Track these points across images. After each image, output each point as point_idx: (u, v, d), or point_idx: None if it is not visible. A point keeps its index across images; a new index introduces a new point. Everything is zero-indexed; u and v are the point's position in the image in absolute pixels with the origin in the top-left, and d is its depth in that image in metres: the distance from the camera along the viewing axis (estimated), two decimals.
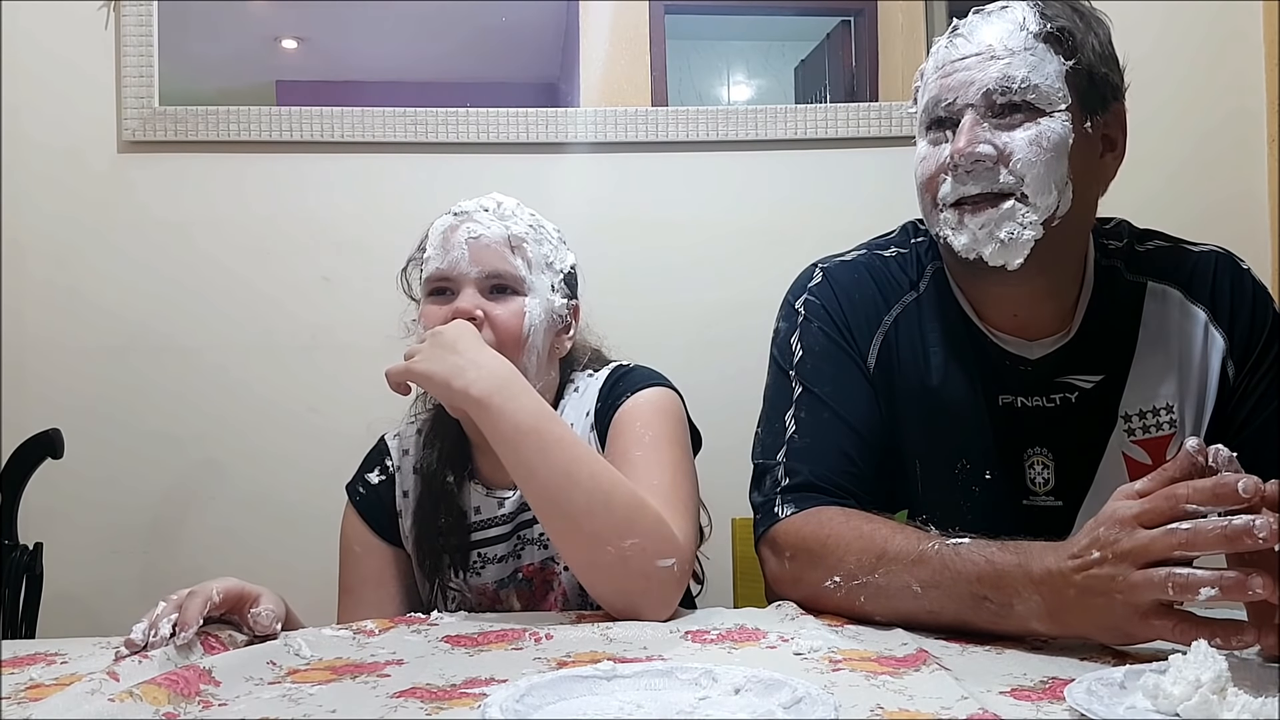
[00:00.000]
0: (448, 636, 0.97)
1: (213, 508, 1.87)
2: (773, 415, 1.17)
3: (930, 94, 1.10)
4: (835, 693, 0.75)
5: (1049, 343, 1.14)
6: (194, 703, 0.77)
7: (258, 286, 1.89)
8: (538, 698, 0.72)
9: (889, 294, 1.19)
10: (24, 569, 1.54)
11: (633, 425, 1.17)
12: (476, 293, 1.20)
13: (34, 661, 0.93)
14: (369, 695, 0.80)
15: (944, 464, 1.14)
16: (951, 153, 1.06)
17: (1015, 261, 1.06)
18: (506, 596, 1.26)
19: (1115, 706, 0.71)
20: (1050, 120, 1.06)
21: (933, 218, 1.12)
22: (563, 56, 2.03)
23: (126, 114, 1.87)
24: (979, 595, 0.92)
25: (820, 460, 1.11)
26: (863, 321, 1.17)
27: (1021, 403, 1.14)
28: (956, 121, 1.07)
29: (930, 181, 1.11)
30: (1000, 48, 1.06)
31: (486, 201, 1.26)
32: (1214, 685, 0.70)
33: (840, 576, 1.00)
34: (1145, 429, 1.13)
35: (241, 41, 2.01)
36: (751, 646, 0.92)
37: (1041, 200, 1.05)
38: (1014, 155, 1.05)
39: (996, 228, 1.06)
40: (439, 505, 1.24)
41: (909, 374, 1.16)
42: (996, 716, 0.71)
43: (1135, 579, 0.82)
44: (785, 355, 1.19)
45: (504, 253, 1.21)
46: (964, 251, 1.08)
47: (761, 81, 2.12)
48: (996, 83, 1.05)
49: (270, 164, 1.90)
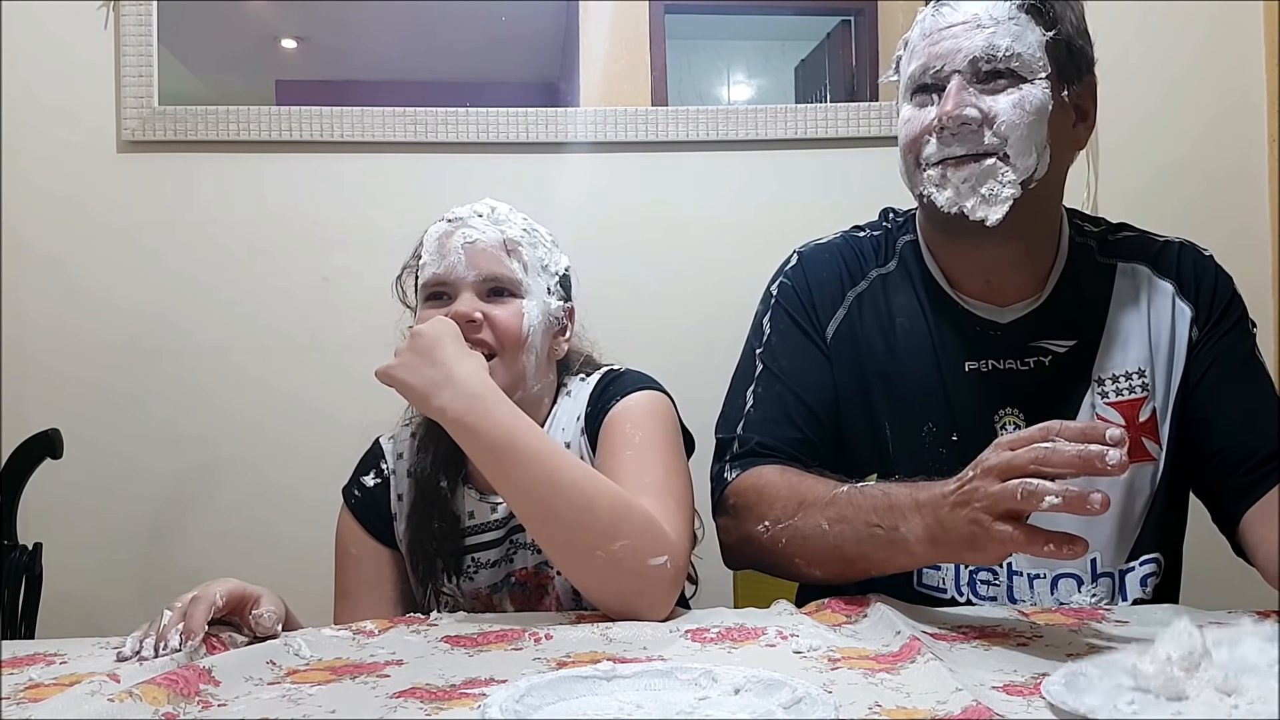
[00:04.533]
0: (447, 637, 0.97)
1: (212, 507, 1.87)
2: (735, 392, 1.26)
3: (918, 61, 1.15)
4: (834, 691, 0.76)
5: (1019, 307, 1.20)
6: (193, 702, 0.77)
7: (257, 286, 1.89)
8: (537, 698, 0.72)
9: (855, 270, 1.26)
10: (23, 569, 1.54)
11: (622, 427, 1.18)
12: (474, 297, 1.20)
13: (34, 662, 0.93)
14: (368, 695, 0.80)
15: (911, 428, 1.20)
16: (939, 115, 1.11)
17: (995, 216, 1.11)
18: (500, 601, 1.25)
19: (1092, 698, 0.72)
20: (1032, 86, 1.11)
21: (915, 177, 1.16)
22: (563, 56, 2.03)
23: (126, 114, 1.87)
24: (872, 524, 1.02)
25: (769, 429, 1.20)
26: (826, 299, 1.24)
27: (992, 365, 1.19)
28: (942, 87, 1.12)
29: (914, 143, 1.15)
30: (986, 17, 1.12)
31: (480, 207, 1.26)
32: (1183, 663, 0.71)
33: (769, 522, 1.10)
34: (1118, 392, 1.18)
35: (241, 41, 2.01)
36: (751, 645, 0.93)
37: (1022, 161, 1.11)
38: (998, 118, 1.10)
39: (979, 183, 1.11)
40: (432, 509, 1.24)
41: (874, 344, 1.22)
42: (990, 710, 0.71)
43: (993, 489, 0.90)
44: (757, 336, 1.27)
45: (500, 256, 1.22)
46: (946, 206, 1.13)
47: (761, 81, 2.12)
48: (982, 50, 1.10)
49: (270, 164, 1.90)
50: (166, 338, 1.87)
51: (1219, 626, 0.76)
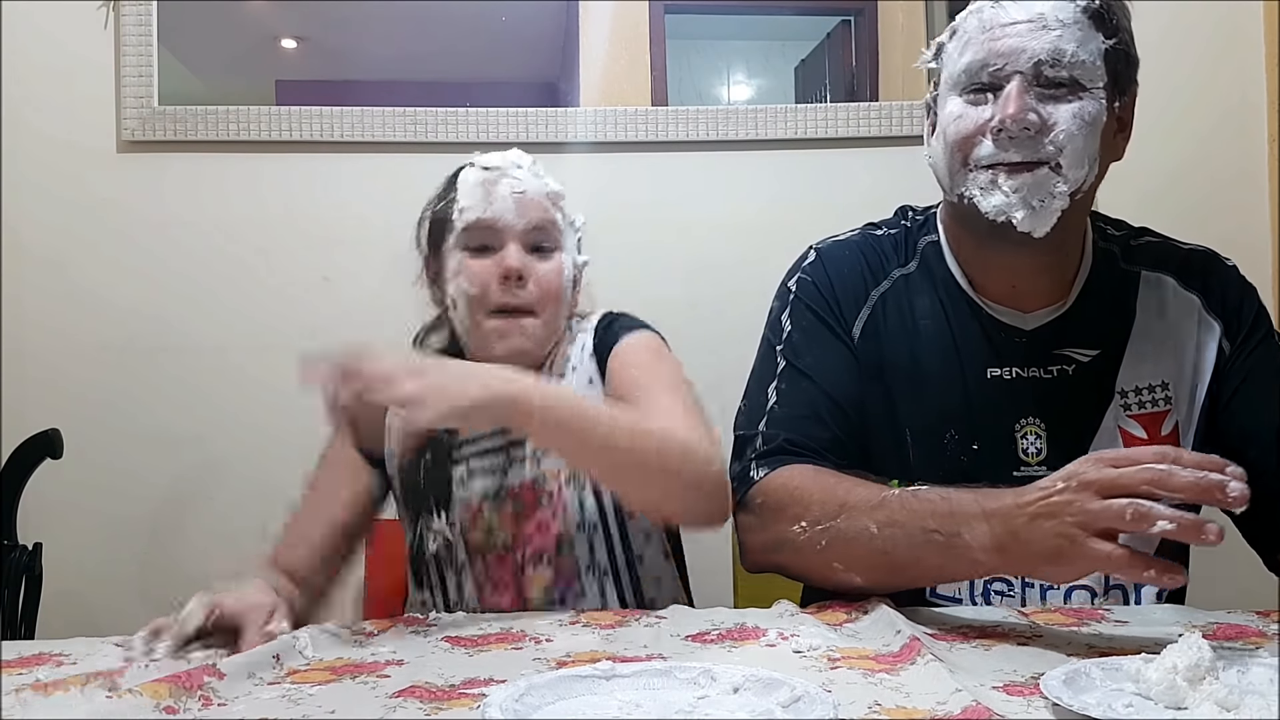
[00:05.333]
0: (448, 637, 0.97)
1: (212, 507, 1.87)
2: (756, 388, 1.21)
3: (976, 55, 1.09)
4: (833, 690, 0.76)
5: (1043, 314, 1.17)
6: (195, 698, 0.77)
7: (257, 286, 1.89)
8: (537, 698, 0.72)
9: (878, 269, 1.21)
10: (23, 569, 1.55)
11: (635, 361, 1.22)
12: (521, 249, 1.21)
13: (41, 662, 0.92)
14: (368, 695, 0.80)
15: (933, 434, 1.16)
16: (1002, 118, 1.06)
17: (1042, 229, 1.07)
18: (491, 515, 1.23)
19: (1089, 696, 0.72)
20: (1090, 95, 1.07)
21: (959, 176, 1.11)
22: (563, 56, 2.03)
23: (126, 114, 1.87)
24: (929, 529, 0.97)
25: (796, 426, 1.15)
26: (850, 297, 1.20)
27: (1016, 373, 1.16)
28: (1000, 86, 1.08)
29: (966, 141, 1.10)
30: (1052, 18, 1.07)
31: (515, 157, 1.26)
32: (1188, 674, 0.72)
33: (806, 523, 1.05)
34: (1141, 405, 1.15)
35: (241, 41, 2.01)
36: (751, 645, 0.92)
37: (1074, 173, 1.07)
38: (1057, 126, 1.06)
39: (1030, 194, 1.07)
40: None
41: (897, 347, 1.18)
42: (989, 710, 0.71)
43: (1094, 506, 0.86)
44: (775, 332, 1.22)
45: (547, 206, 1.24)
46: (993, 213, 1.08)
47: (761, 81, 2.12)
48: (1048, 54, 1.06)
49: (270, 164, 1.90)
50: (166, 337, 1.87)
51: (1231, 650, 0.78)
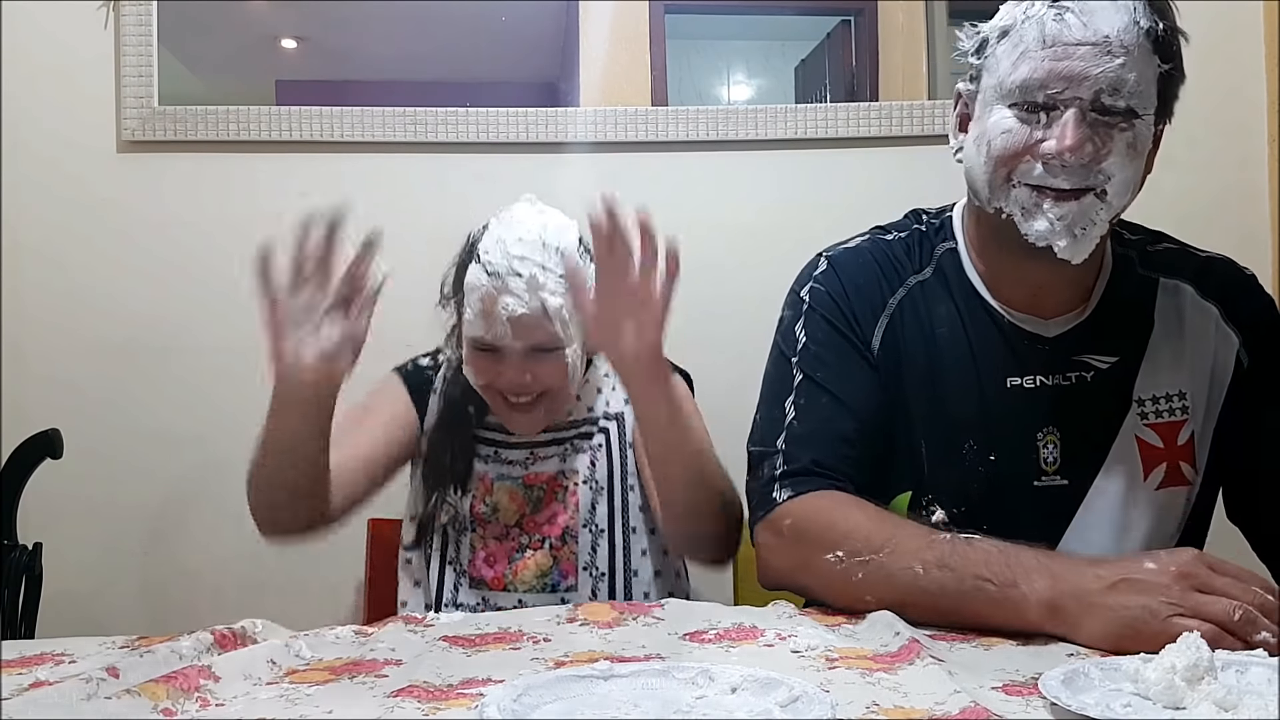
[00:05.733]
0: (445, 636, 0.97)
1: (212, 508, 1.87)
2: (772, 402, 1.17)
3: (1034, 72, 1.05)
4: (831, 690, 0.76)
5: (1064, 321, 1.16)
6: (192, 699, 0.77)
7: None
8: (535, 697, 0.72)
9: (893, 277, 1.19)
10: (23, 569, 1.55)
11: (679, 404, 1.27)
12: (522, 357, 1.31)
13: (41, 661, 0.92)
14: (366, 695, 0.80)
15: (950, 446, 1.14)
16: (1060, 149, 1.03)
17: (1082, 256, 1.07)
18: (498, 492, 1.39)
19: (1088, 696, 0.72)
20: (1141, 123, 1.06)
21: (1000, 190, 1.09)
22: (562, 56, 2.03)
23: (126, 114, 1.87)
24: (981, 577, 0.95)
25: (820, 446, 1.12)
26: (866, 307, 1.17)
27: (1039, 381, 1.14)
28: (1056, 106, 1.04)
29: (1012, 158, 1.07)
30: (1117, 43, 1.03)
31: (518, 264, 1.30)
32: (1187, 674, 0.72)
33: (843, 553, 1.02)
34: (1158, 414, 1.15)
35: (241, 41, 2.01)
36: (749, 645, 0.92)
37: (1119, 200, 1.07)
38: (1110, 156, 1.05)
39: (1074, 222, 1.05)
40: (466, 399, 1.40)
41: (915, 356, 1.16)
42: (988, 710, 0.71)
43: (1199, 597, 0.85)
44: (789, 343, 1.19)
45: (542, 324, 1.30)
46: (1035, 238, 1.06)
47: (761, 81, 2.12)
48: (1110, 84, 1.03)
49: (270, 164, 1.90)
50: (167, 337, 1.87)
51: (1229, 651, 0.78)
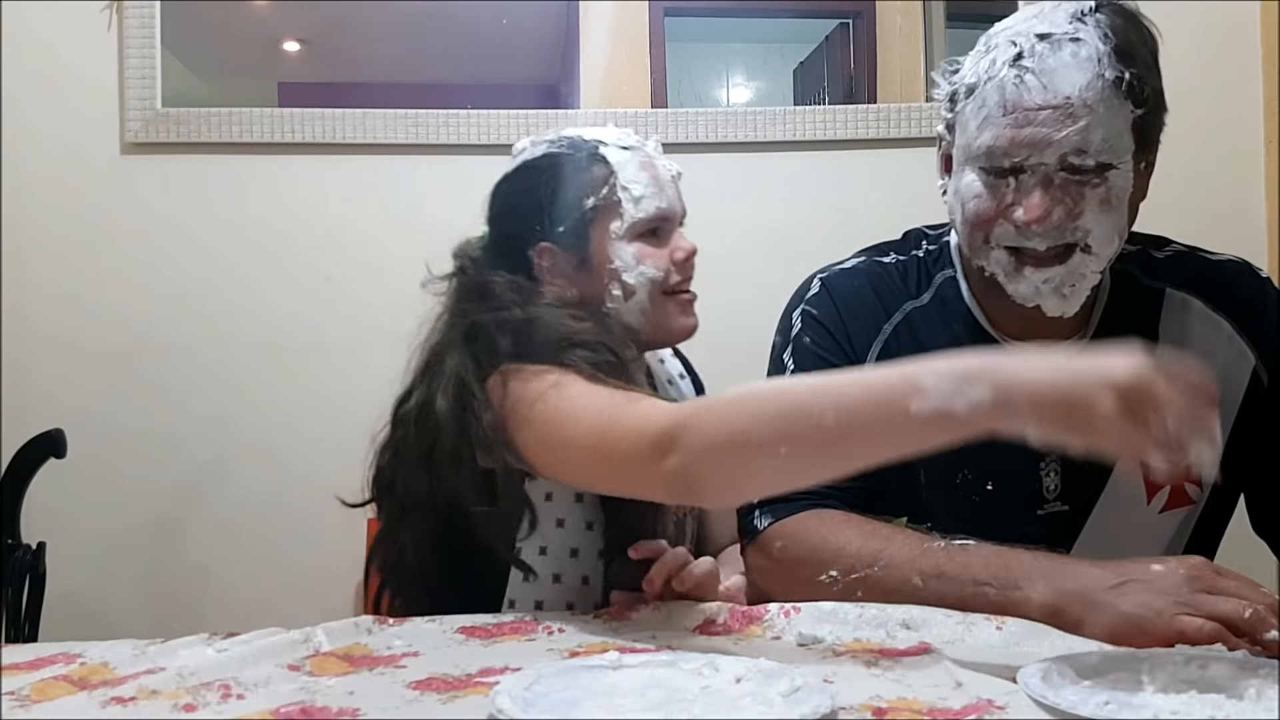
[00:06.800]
0: (463, 628, 0.98)
1: (215, 508, 1.88)
2: None
3: (996, 140, 1.02)
4: (835, 682, 0.77)
5: (1064, 348, 1.11)
6: (214, 689, 0.78)
7: (260, 287, 1.90)
8: (545, 686, 0.73)
9: (889, 302, 1.16)
10: (27, 569, 1.55)
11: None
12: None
13: (53, 662, 0.92)
14: (386, 686, 0.81)
15: (947, 475, 1.12)
16: (1026, 220, 1.02)
17: (1074, 310, 1.06)
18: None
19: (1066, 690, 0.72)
20: (1117, 173, 1.02)
21: (981, 252, 1.07)
22: (563, 59, 2.04)
23: (129, 116, 1.87)
24: (980, 582, 0.94)
25: None
26: (861, 331, 1.15)
27: None
28: (1022, 170, 1.02)
29: (985, 222, 1.05)
30: (1079, 102, 0.99)
31: (633, 137, 1.27)
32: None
33: (837, 572, 1.00)
34: None
35: (244, 43, 2.02)
36: (757, 638, 0.94)
37: (1105, 250, 1.04)
38: (1084, 214, 1.02)
39: (1062, 283, 1.04)
40: None
41: None
42: (991, 703, 0.72)
43: (1209, 597, 0.85)
44: (778, 368, 1.18)
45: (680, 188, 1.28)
46: (1021, 300, 1.06)
47: (760, 83, 2.14)
48: (1074, 147, 1.00)
49: (272, 166, 1.91)
50: (170, 338, 1.88)
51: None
